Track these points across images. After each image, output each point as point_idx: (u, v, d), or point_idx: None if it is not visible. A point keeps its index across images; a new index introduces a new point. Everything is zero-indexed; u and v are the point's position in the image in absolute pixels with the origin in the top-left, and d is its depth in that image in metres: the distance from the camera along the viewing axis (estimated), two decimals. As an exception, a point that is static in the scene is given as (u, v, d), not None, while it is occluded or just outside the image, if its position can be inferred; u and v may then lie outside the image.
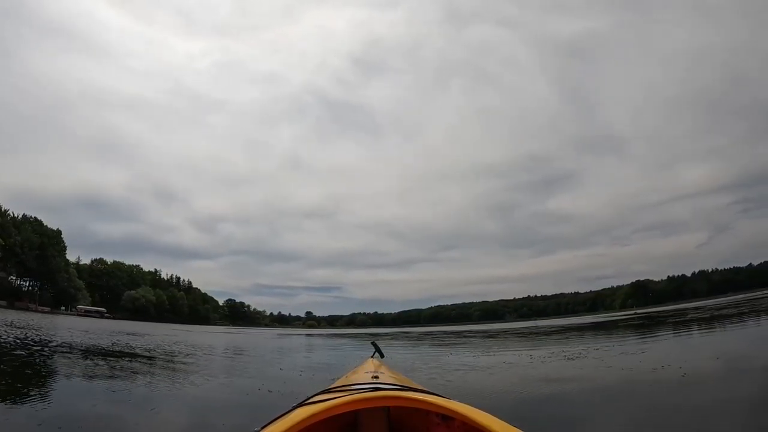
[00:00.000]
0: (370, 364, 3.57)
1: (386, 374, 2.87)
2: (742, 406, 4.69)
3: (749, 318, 19.86)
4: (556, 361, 10.36)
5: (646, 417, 4.51)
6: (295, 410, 1.77)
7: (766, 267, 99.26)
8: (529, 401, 5.90)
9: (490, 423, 1.45)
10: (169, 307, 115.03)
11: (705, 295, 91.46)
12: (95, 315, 79.83)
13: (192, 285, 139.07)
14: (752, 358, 8.00)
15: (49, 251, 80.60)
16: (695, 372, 6.79)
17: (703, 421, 4.22)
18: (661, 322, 26.47)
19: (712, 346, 11.51)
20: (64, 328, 25.52)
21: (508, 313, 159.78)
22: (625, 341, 15.40)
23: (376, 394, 1.84)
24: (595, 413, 5.08)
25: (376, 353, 4.64)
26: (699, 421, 4.21)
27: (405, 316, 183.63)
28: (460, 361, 11.86)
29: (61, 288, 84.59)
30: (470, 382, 7.94)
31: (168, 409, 5.64)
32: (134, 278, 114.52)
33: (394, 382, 2.32)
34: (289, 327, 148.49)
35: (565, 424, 4.59)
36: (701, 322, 21.43)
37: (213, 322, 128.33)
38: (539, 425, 4.24)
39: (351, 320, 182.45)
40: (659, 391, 5.73)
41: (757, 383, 5.93)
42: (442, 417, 1.89)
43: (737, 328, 16.11)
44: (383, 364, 3.82)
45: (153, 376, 8.70)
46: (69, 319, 47.21)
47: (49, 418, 4.47)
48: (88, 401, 5.77)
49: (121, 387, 6.86)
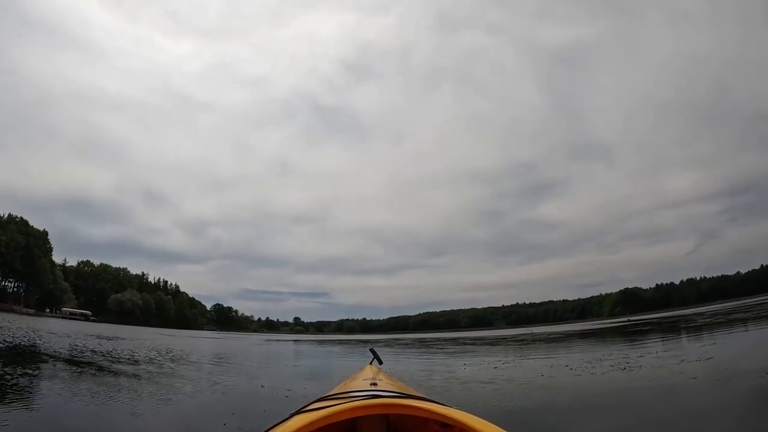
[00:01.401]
0: (368, 371, 3.58)
1: (385, 381, 2.86)
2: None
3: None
4: (608, 371, 9.14)
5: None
6: (293, 417, 1.76)
7: (755, 275, 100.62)
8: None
9: (489, 431, 1.44)
10: (156, 311, 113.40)
11: (694, 303, 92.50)
12: (80, 318, 78.42)
13: (179, 289, 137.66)
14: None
15: (35, 252, 79.13)
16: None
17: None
18: (674, 327, 26.28)
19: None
20: (33, 329, 24.26)
21: (497, 320, 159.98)
22: (658, 345, 15.18)
23: (375, 402, 1.83)
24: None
25: (374, 360, 4.61)
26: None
27: (393, 323, 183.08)
28: (486, 375, 10.04)
29: (46, 290, 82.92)
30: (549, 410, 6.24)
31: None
32: (121, 281, 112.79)
33: (393, 389, 2.34)
34: (277, 332, 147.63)
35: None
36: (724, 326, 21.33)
37: (200, 326, 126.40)
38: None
39: (339, 326, 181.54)
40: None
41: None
42: (441, 424, 1.86)
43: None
44: (381, 370, 3.82)
45: (75, 394, 6.75)
46: (50, 322, 45.64)
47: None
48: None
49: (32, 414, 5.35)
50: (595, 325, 57.17)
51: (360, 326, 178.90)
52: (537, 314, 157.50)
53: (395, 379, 3.47)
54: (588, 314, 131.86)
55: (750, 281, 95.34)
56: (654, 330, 25.92)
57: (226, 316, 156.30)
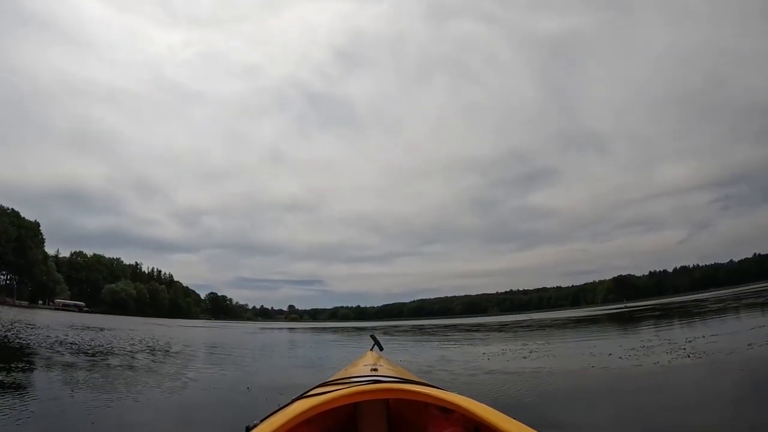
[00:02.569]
0: (369, 357, 3.61)
1: (385, 367, 2.88)
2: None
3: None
4: (673, 359, 7.88)
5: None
6: (294, 402, 1.78)
7: (747, 264, 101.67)
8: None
9: (489, 415, 1.43)
10: (150, 301, 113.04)
11: (687, 291, 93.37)
12: (73, 309, 78.01)
13: (173, 278, 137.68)
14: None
15: (27, 243, 78.09)
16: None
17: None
18: (685, 312, 26.08)
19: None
20: (14, 322, 23.53)
21: (491, 307, 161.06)
22: (690, 329, 15.06)
23: (375, 387, 1.84)
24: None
25: (375, 346, 4.57)
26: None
27: (388, 310, 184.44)
28: (520, 366, 8.76)
29: (39, 281, 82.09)
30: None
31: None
32: (114, 272, 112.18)
33: (394, 375, 2.38)
34: (271, 321, 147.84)
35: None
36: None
37: (195, 316, 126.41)
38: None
39: (333, 314, 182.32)
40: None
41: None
42: (442, 409, 1.87)
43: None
44: (382, 356, 3.87)
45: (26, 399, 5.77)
46: (41, 314, 45.17)
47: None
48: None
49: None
50: (593, 311, 57.15)
51: (354, 313, 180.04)
52: (531, 301, 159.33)
53: (396, 364, 3.49)
54: (582, 301, 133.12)
55: (743, 270, 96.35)
56: (662, 315, 25.90)
57: (220, 305, 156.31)
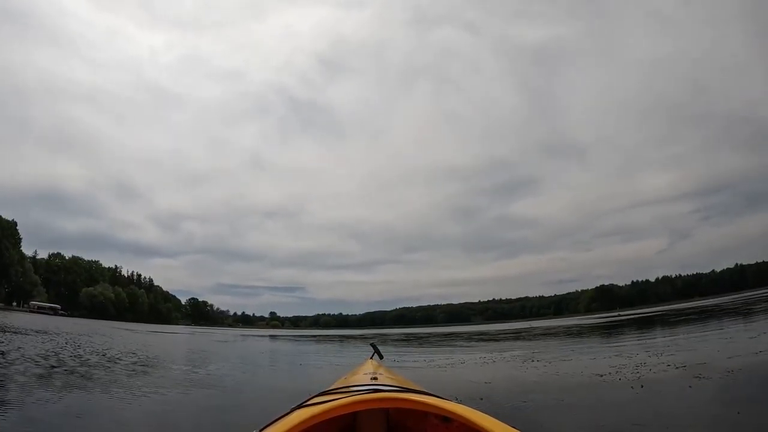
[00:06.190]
0: (369, 365, 3.58)
1: (385, 375, 2.86)
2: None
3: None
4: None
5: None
6: (293, 412, 1.73)
7: (728, 273, 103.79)
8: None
9: (489, 424, 1.42)
10: (129, 306, 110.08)
11: (670, 300, 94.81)
12: (48, 312, 75.29)
13: (153, 283, 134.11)
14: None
15: (3, 244, 75.48)
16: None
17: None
18: (691, 318, 25.90)
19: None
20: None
21: (474, 316, 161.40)
22: (705, 336, 14.38)
23: (375, 396, 1.82)
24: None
25: (374, 354, 4.49)
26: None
27: (370, 318, 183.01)
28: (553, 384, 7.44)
29: (15, 283, 79.30)
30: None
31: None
32: (93, 275, 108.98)
33: (393, 384, 2.33)
34: (252, 327, 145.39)
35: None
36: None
37: (175, 321, 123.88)
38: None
39: (315, 321, 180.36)
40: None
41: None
42: (442, 418, 1.86)
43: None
44: (382, 365, 3.84)
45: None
46: (13, 316, 42.52)
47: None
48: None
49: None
50: (592, 320, 55.65)
51: (336, 321, 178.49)
52: (513, 310, 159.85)
53: (396, 373, 3.46)
54: (564, 310, 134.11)
55: (725, 279, 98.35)
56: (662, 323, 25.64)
57: (201, 311, 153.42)
